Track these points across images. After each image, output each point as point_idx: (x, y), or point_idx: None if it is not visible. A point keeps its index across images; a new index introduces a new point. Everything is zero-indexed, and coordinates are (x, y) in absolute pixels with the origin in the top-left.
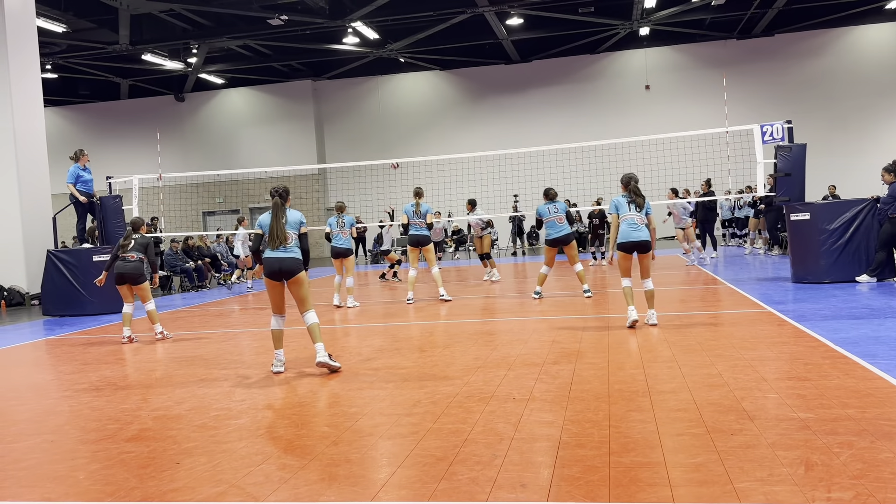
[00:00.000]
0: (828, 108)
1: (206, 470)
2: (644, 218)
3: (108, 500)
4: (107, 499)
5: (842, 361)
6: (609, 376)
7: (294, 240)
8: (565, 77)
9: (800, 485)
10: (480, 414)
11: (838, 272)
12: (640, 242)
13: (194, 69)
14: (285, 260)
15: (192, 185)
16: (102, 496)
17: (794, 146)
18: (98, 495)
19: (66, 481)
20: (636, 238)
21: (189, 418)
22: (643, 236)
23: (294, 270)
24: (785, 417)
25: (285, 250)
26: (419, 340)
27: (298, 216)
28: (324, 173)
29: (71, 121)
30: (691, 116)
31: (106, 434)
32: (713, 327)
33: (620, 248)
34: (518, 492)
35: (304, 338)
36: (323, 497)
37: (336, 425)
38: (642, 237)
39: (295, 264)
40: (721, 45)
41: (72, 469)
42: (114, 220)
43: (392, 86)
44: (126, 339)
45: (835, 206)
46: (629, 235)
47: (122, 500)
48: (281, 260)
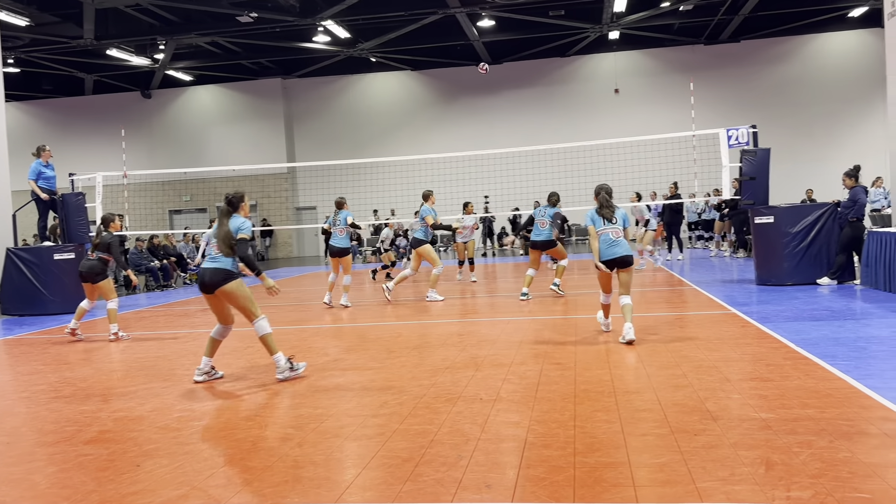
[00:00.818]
0: (793, 114)
1: (168, 472)
2: (620, 231)
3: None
4: (63, 502)
5: (802, 362)
6: (576, 377)
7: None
8: (536, 79)
9: (760, 484)
10: (447, 415)
11: (800, 275)
12: (620, 258)
13: (161, 66)
14: (207, 271)
15: (159, 184)
16: (59, 500)
17: (758, 150)
18: (55, 499)
19: (22, 484)
20: (614, 255)
21: (151, 420)
22: (622, 251)
23: (216, 282)
24: (747, 418)
25: (212, 260)
26: (388, 341)
27: (237, 224)
28: (293, 172)
29: (33, 116)
30: (659, 120)
31: (64, 436)
32: (678, 328)
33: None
34: (483, 492)
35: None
36: (287, 499)
37: (301, 427)
38: (621, 252)
39: (216, 276)
40: (689, 50)
41: (28, 472)
42: (76, 217)
43: (363, 85)
44: (69, 331)
45: (797, 210)
46: (606, 253)
47: None
48: (204, 271)
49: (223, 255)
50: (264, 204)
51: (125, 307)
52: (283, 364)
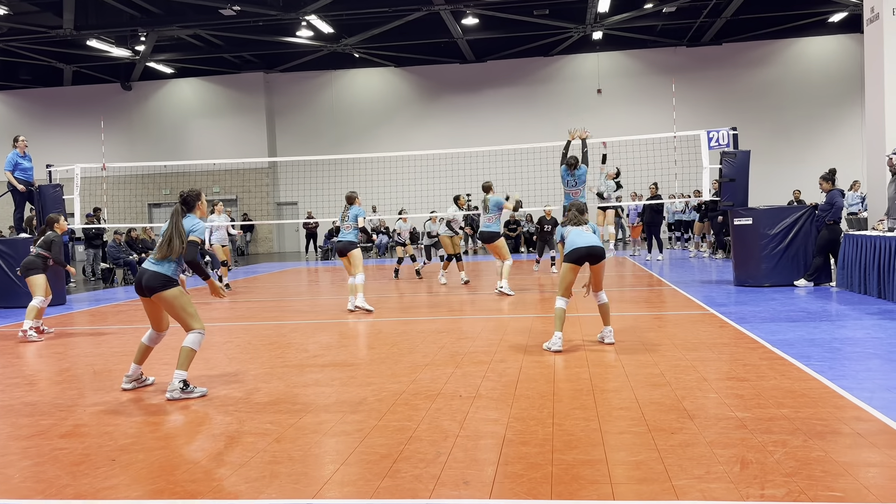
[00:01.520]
0: (773, 116)
1: (144, 467)
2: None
3: (39, 498)
4: (37, 496)
5: (778, 363)
6: (555, 374)
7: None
8: (519, 78)
9: (735, 482)
10: (426, 412)
11: (778, 276)
12: (592, 248)
13: (142, 57)
14: (145, 273)
15: (138, 176)
16: (33, 494)
17: (738, 152)
18: (28, 493)
19: None
20: (587, 243)
21: (128, 413)
22: (594, 241)
23: (152, 286)
24: (723, 417)
25: (152, 262)
26: (368, 338)
27: (189, 224)
28: (274, 167)
29: (11, 106)
30: (641, 121)
31: (39, 430)
32: (657, 328)
33: (569, 258)
34: (461, 489)
35: (246, 334)
36: (263, 494)
37: (279, 423)
38: (594, 242)
39: (154, 280)
40: (671, 51)
41: (1, 466)
42: (53, 209)
43: (346, 81)
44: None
45: (776, 212)
46: (577, 242)
47: (53, 498)
48: (142, 272)
49: (164, 258)
50: (245, 199)
51: (103, 300)
52: (176, 384)
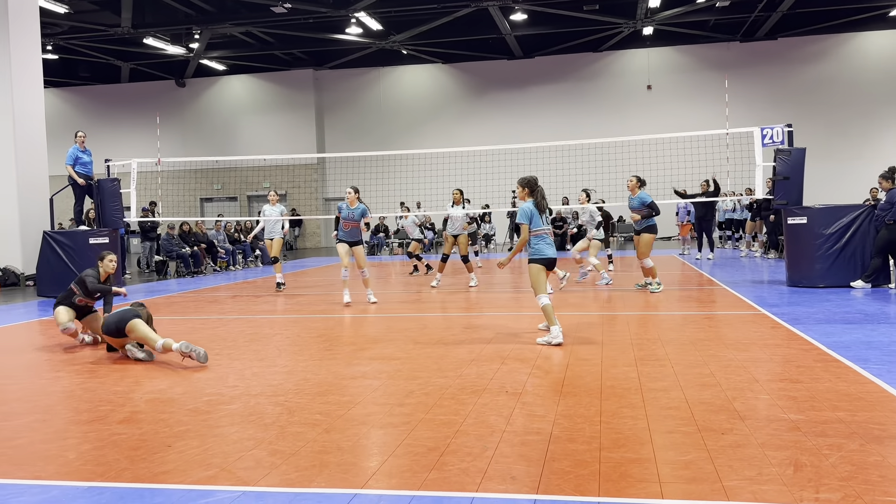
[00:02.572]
0: (828, 113)
1: (198, 453)
2: (550, 229)
3: (99, 481)
4: (97, 479)
5: (834, 365)
6: (602, 373)
7: None
8: (567, 74)
9: (788, 485)
10: (473, 406)
11: (833, 277)
12: (553, 260)
13: (196, 55)
14: None
15: (191, 171)
16: (93, 476)
17: (793, 150)
18: (88, 475)
19: (57, 461)
20: (551, 255)
21: (181, 402)
22: (554, 253)
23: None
24: (775, 418)
25: None
26: (414, 332)
27: None
28: (323, 163)
29: (70, 102)
30: (692, 117)
31: (98, 415)
32: (707, 328)
33: (540, 262)
34: (508, 484)
35: (295, 327)
36: (313, 483)
37: (328, 413)
38: (554, 254)
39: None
40: (724, 47)
41: (62, 449)
42: (111, 203)
43: (394, 78)
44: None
45: (832, 211)
46: (545, 252)
47: (112, 481)
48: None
49: None
50: (294, 194)
51: (157, 292)
52: None
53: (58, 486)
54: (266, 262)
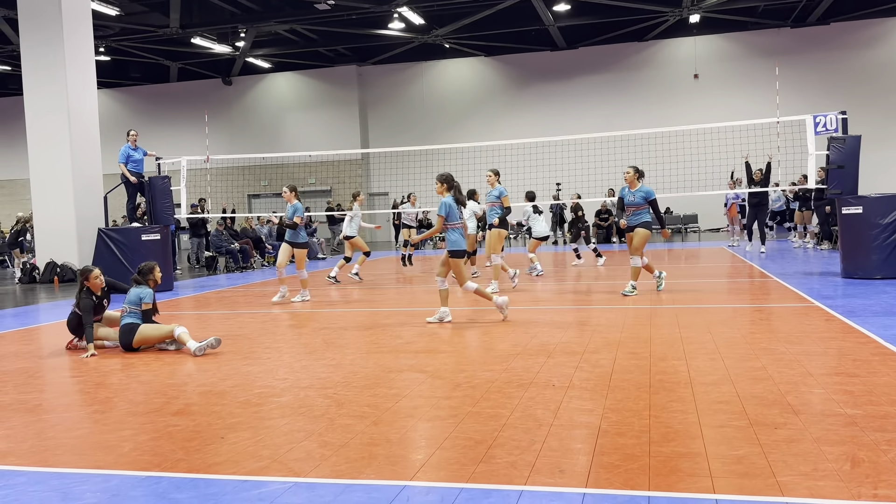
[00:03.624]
0: (884, 99)
1: (250, 445)
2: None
3: (155, 471)
4: (154, 469)
5: (892, 358)
6: (650, 367)
7: None
8: (612, 65)
9: (845, 481)
10: (519, 400)
11: (890, 268)
12: (465, 251)
13: (242, 53)
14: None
15: (238, 168)
16: (150, 466)
17: (847, 138)
18: (146, 465)
19: (115, 451)
20: (465, 247)
21: (233, 395)
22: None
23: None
24: (831, 413)
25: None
26: (458, 326)
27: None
28: (367, 158)
29: (122, 102)
30: (741, 106)
31: (153, 407)
32: (758, 321)
33: (457, 254)
34: (556, 477)
35: (342, 320)
36: (363, 475)
37: (376, 406)
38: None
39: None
40: (774, 33)
41: (120, 440)
42: (162, 200)
43: (436, 72)
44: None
45: (888, 200)
46: (462, 244)
47: (168, 471)
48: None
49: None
50: (338, 189)
51: (207, 287)
52: None
53: (117, 475)
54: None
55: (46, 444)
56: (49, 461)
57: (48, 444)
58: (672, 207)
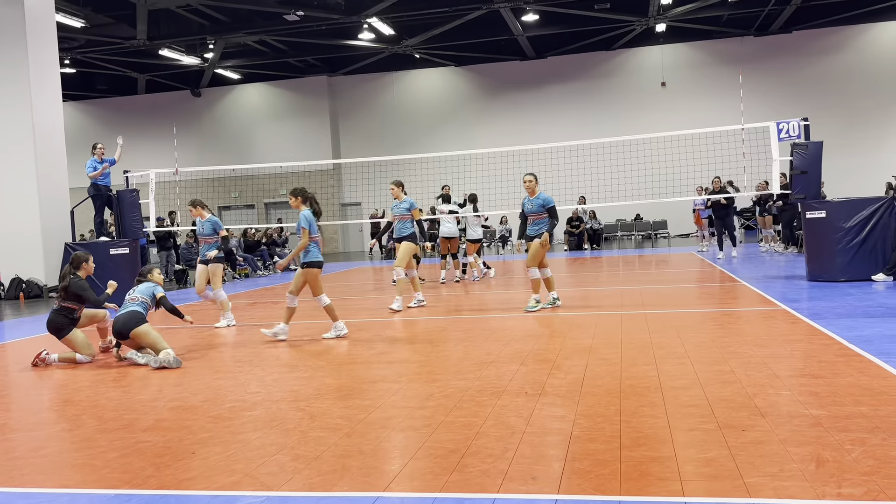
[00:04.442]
0: (847, 105)
1: (221, 460)
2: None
3: (125, 488)
4: (124, 486)
5: (855, 359)
6: (621, 372)
7: None
8: (581, 73)
9: (810, 480)
10: (492, 408)
11: (854, 270)
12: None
13: (211, 64)
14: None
15: (208, 180)
16: (119, 484)
17: (810, 144)
18: (115, 483)
19: (84, 469)
20: (322, 259)
21: (204, 409)
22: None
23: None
24: (797, 414)
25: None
26: (433, 335)
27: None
28: (338, 169)
29: (89, 115)
30: (707, 113)
31: (123, 424)
32: (727, 325)
33: (316, 265)
34: (529, 484)
35: (313, 332)
36: (336, 487)
37: (349, 417)
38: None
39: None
40: (738, 41)
41: (89, 457)
42: (131, 213)
43: (407, 82)
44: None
45: (851, 205)
46: (319, 256)
47: (138, 488)
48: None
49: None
50: None
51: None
52: None
53: (85, 494)
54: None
55: (14, 463)
56: (16, 481)
57: (15, 464)
58: (642, 214)
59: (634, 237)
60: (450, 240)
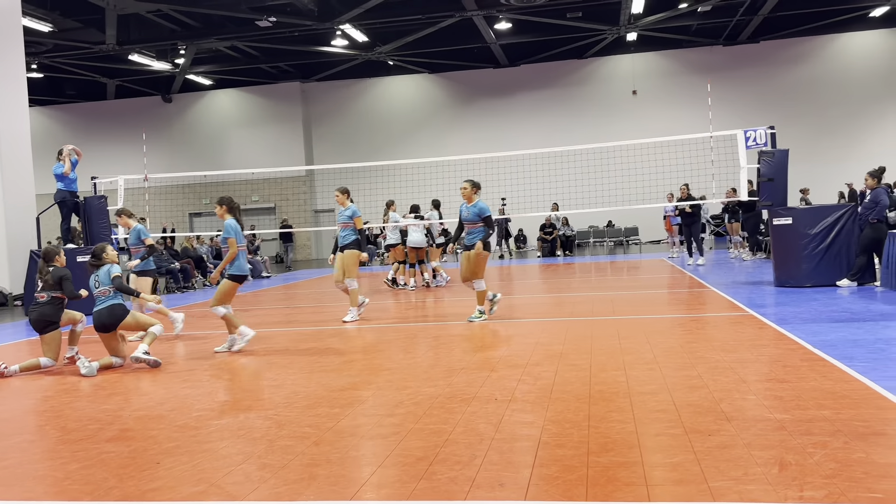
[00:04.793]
0: (814, 114)
1: (187, 469)
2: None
3: (87, 500)
4: (85, 498)
5: (820, 364)
6: (591, 378)
7: None
8: (553, 81)
9: (773, 484)
10: (462, 415)
11: (819, 276)
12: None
13: (182, 70)
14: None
15: (179, 187)
16: (81, 495)
17: (776, 151)
18: (77, 494)
19: (46, 480)
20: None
21: (170, 419)
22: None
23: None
24: (762, 418)
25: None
26: (403, 342)
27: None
28: (311, 175)
29: (57, 120)
30: (677, 121)
31: (86, 434)
32: (695, 330)
33: (238, 279)
34: (496, 491)
35: (285, 340)
36: (302, 496)
37: (318, 426)
38: None
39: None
40: (707, 51)
41: (51, 468)
42: (98, 220)
43: (381, 88)
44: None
45: (816, 211)
46: (245, 268)
47: (100, 500)
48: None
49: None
50: (283, 206)
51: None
52: None
53: None
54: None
55: None
56: None
57: None
58: (613, 220)
59: (606, 244)
60: (417, 249)
